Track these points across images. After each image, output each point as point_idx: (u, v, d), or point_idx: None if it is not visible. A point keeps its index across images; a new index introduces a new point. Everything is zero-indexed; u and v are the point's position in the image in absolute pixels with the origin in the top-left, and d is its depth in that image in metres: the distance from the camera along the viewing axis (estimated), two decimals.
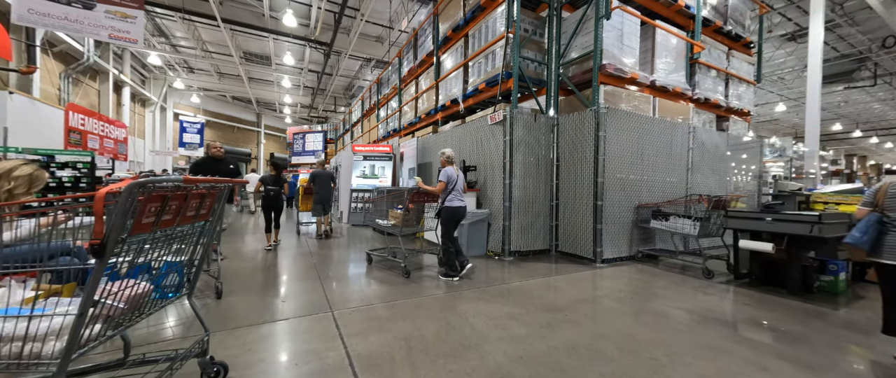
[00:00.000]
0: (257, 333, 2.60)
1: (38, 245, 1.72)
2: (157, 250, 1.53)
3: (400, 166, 9.01)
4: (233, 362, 2.08)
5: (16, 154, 5.90)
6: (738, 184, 7.13)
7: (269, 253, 5.51)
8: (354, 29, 12.55)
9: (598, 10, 5.08)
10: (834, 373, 2.19)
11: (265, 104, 24.58)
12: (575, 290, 3.77)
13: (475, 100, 6.63)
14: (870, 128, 24.02)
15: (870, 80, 14.50)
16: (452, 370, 2.11)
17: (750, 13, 7.63)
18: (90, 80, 12.93)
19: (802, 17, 10.85)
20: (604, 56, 5.21)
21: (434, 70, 8.01)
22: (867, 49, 12.80)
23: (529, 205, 5.45)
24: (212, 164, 4.81)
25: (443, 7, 7.71)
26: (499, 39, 5.68)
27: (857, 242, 2.41)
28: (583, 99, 5.46)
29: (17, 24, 7.05)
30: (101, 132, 10.42)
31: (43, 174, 2.02)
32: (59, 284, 1.57)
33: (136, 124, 16.60)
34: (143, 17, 8.39)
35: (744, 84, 7.52)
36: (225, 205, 1.82)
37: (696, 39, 6.28)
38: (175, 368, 1.67)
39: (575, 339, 2.56)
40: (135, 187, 1.20)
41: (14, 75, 8.61)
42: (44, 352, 1.23)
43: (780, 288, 3.91)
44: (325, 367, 2.13)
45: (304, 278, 4.12)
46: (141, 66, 16.79)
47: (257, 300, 3.33)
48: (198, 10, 10.99)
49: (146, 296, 1.56)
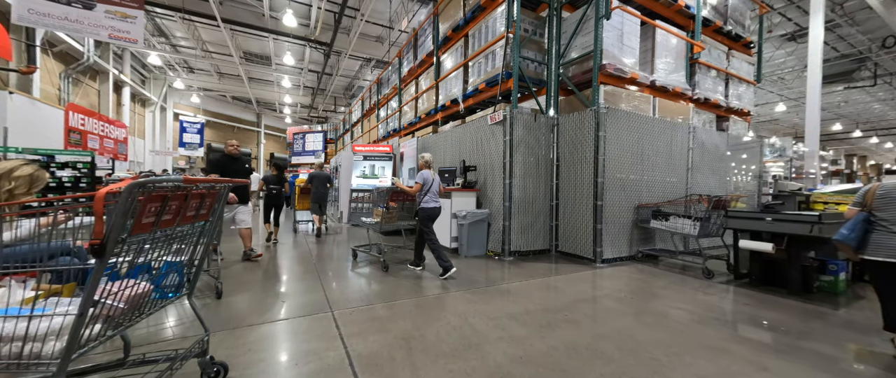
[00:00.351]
0: (257, 333, 2.60)
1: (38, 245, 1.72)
2: (157, 250, 1.53)
3: (400, 166, 9.00)
4: (233, 362, 2.08)
5: (16, 154, 5.90)
6: (738, 184, 7.13)
7: (268, 251, 5.51)
8: (354, 29, 12.55)
9: (598, 10, 5.08)
10: (834, 373, 2.19)
11: (265, 104, 24.58)
12: (575, 290, 3.77)
13: (475, 100, 6.63)
14: (870, 128, 24.02)
15: (870, 80, 14.50)
16: (452, 370, 2.11)
17: (750, 13, 7.63)
18: (90, 80, 12.94)
19: (802, 17, 10.85)
20: (604, 56, 5.21)
21: (434, 70, 8.01)
22: (867, 49, 12.81)
23: (529, 205, 5.45)
24: (227, 161, 4.88)
25: (443, 7, 7.71)
26: (499, 39, 5.68)
27: (845, 239, 2.60)
28: (583, 99, 5.46)
29: (17, 24, 7.05)
30: (101, 132, 10.43)
31: (43, 174, 2.02)
32: (59, 284, 1.57)
33: (136, 124, 16.60)
34: (143, 17, 8.39)
35: (744, 84, 7.52)
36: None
37: (696, 39, 6.28)
38: (175, 368, 1.67)
39: (575, 339, 2.56)
40: (135, 187, 1.20)
41: (14, 75, 8.61)
42: (44, 352, 1.23)
43: (780, 288, 3.91)
44: (325, 367, 2.13)
45: (304, 278, 4.13)
46: (141, 66, 16.80)
47: (257, 300, 3.33)
48: (198, 10, 10.99)
49: (146, 296, 1.56)
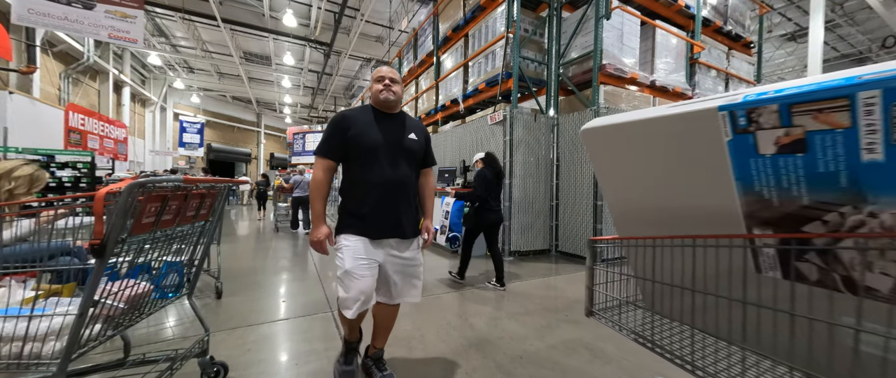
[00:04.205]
0: (257, 333, 2.60)
1: (38, 245, 1.72)
2: (157, 250, 1.53)
3: None
4: (233, 362, 2.08)
5: (16, 154, 5.90)
6: None
7: (267, 249, 5.53)
8: (354, 29, 12.54)
9: (598, 10, 5.08)
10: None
11: (265, 104, 24.57)
12: (575, 289, 3.77)
13: (475, 100, 6.62)
14: None
15: None
16: (453, 370, 2.11)
17: (750, 13, 7.63)
18: (90, 80, 12.93)
19: (802, 17, 10.85)
20: (604, 56, 5.21)
21: (434, 70, 8.01)
22: (867, 49, 12.80)
23: (529, 205, 5.45)
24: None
25: (443, 7, 7.71)
26: (499, 39, 5.67)
27: None
28: (583, 99, 5.46)
29: (17, 24, 7.05)
30: (101, 132, 10.43)
31: (43, 174, 2.02)
32: (59, 284, 1.57)
33: (136, 124, 16.60)
34: (143, 17, 8.39)
35: (744, 84, 7.52)
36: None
37: (696, 39, 6.28)
38: (175, 368, 1.67)
39: (575, 338, 2.56)
40: (135, 187, 1.20)
41: (14, 75, 8.61)
42: (44, 352, 1.23)
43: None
44: (325, 367, 2.13)
45: (304, 278, 4.13)
46: (141, 66, 16.79)
47: (257, 300, 3.33)
48: (198, 10, 10.99)
49: (146, 296, 1.56)
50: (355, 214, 1.73)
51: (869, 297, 0.70)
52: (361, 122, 1.75)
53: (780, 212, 0.79)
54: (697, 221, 0.94)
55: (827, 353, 0.76)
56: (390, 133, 1.78)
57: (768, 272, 0.85)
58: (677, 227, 0.99)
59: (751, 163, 0.78)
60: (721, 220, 0.88)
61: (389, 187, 1.74)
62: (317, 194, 1.76)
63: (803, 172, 0.73)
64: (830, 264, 0.75)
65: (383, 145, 1.74)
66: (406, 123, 1.88)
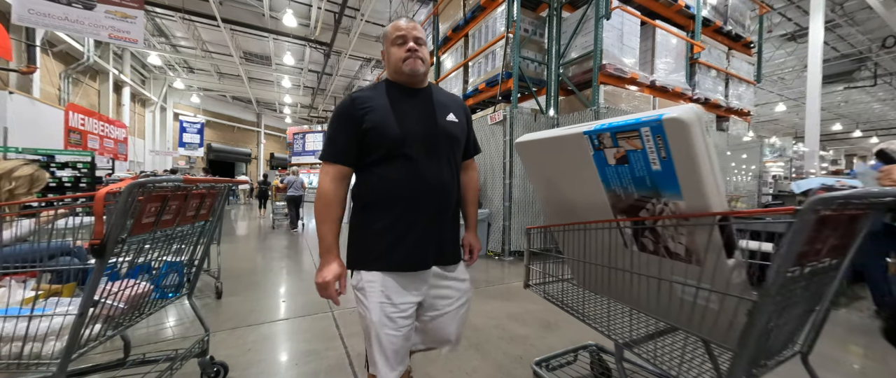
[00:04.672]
0: (257, 333, 2.60)
1: (38, 245, 1.72)
2: (157, 250, 1.53)
3: None
4: (233, 362, 2.08)
5: (16, 154, 5.90)
6: (738, 184, 7.13)
7: (267, 249, 5.53)
8: (354, 29, 12.55)
9: (598, 10, 5.08)
10: (835, 373, 2.19)
11: (265, 104, 24.57)
12: None
13: (475, 100, 6.63)
14: (870, 128, 24.01)
15: (870, 80, 14.50)
16: (453, 370, 2.11)
17: (750, 13, 7.63)
18: (90, 80, 12.93)
19: (802, 17, 10.84)
20: (604, 56, 5.21)
21: (434, 70, 8.02)
22: (867, 49, 12.80)
23: (529, 205, 5.45)
24: None
25: (443, 7, 7.71)
26: (499, 39, 5.67)
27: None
28: (583, 99, 5.46)
29: (17, 24, 7.05)
30: (101, 132, 10.43)
31: (44, 174, 2.03)
32: (59, 284, 1.57)
33: (136, 124, 16.60)
34: (143, 17, 8.39)
35: (744, 84, 7.52)
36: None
37: (696, 39, 6.28)
38: (175, 368, 1.67)
39: (575, 338, 2.56)
40: (135, 187, 1.21)
41: (14, 75, 8.61)
42: (44, 352, 1.23)
43: None
44: (325, 367, 2.13)
45: (304, 278, 4.13)
46: (141, 66, 16.79)
47: (257, 300, 3.33)
48: (198, 10, 10.99)
49: (146, 296, 1.56)
50: (378, 236, 1.21)
51: (676, 261, 1.07)
52: (380, 106, 1.21)
53: (626, 203, 1.15)
54: (588, 210, 1.28)
55: (667, 303, 1.13)
56: (422, 116, 1.26)
57: (631, 246, 1.20)
58: (578, 215, 1.33)
59: (606, 170, 1.14)
60: (600, 209, 1.23)
61: (427, 194, 1.22)
62: (324, 215, 1.20)
63: (629, 177, 1.09)
64: (657, 239, 1.10)
65: (414, 134, 1.22)
66: (440, 100, 1.33)
